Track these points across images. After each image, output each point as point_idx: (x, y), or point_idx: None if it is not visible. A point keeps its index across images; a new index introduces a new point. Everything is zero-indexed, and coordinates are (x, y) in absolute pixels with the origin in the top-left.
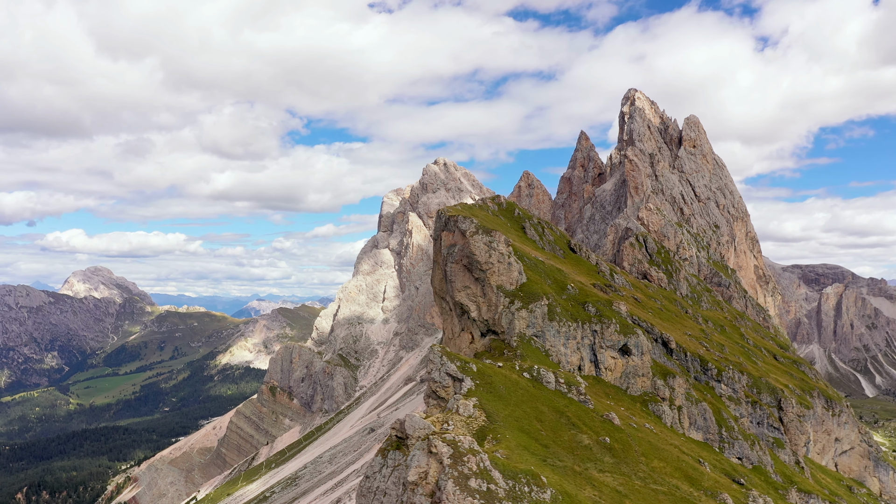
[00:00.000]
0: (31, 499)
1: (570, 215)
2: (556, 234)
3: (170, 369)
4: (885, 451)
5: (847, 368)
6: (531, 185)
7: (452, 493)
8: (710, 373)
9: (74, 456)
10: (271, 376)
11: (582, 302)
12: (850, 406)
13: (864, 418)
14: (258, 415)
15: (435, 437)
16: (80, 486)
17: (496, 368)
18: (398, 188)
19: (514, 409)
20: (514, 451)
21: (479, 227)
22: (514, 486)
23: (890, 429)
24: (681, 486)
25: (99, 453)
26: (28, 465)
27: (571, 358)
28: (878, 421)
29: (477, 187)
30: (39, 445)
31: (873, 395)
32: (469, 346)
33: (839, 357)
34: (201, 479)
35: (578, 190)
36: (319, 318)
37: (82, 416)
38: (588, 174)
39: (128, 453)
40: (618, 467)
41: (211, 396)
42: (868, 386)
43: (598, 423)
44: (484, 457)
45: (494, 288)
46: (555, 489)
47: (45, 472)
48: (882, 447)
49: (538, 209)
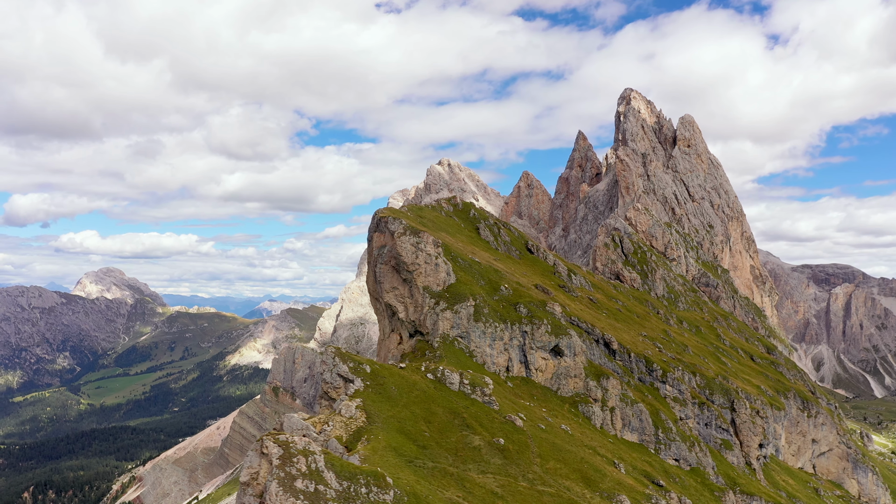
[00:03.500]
0: (38, 498)
1: (568, 215)
2: (513, 234)
3: (180, 370)
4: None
5: (856, 369)
6: (531, 185)
7: (275, 494)
8: (656, 374)
9: (83, 455)
10: (274, 377)
11: (514, 303)
12: (838, 407)
13: (867, 420)
14: (261, 415)
15: (268, 438)
16: (86, 486)
17: (395, 370)
18: (404, 189)
19: (401, 411)
20: (377, 453)
21: (408, 228)
22: (348, 487)
23: (894, 430)
24: (573, 487)
25: (107, 453)
26: (37, 464)
27: (498, 359)
28: (881, 422)
29: (481, 188)
30: (49, 445)
31: (882, 395)
32: (398, 347)
33: (848, 358)
34: (204, 478)
35: (576, 190)
36: (322, 319)
37: (93, 417)
38: (586, 174)
39: (135, 453)
40: (505, 469)
41: (220, 397)
42: (877, 387)
43: (498, 425)
44: (318, 458)
45: (421, 289)
46: (402, 490)
47: (53, 472)
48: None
49: (538, 209)
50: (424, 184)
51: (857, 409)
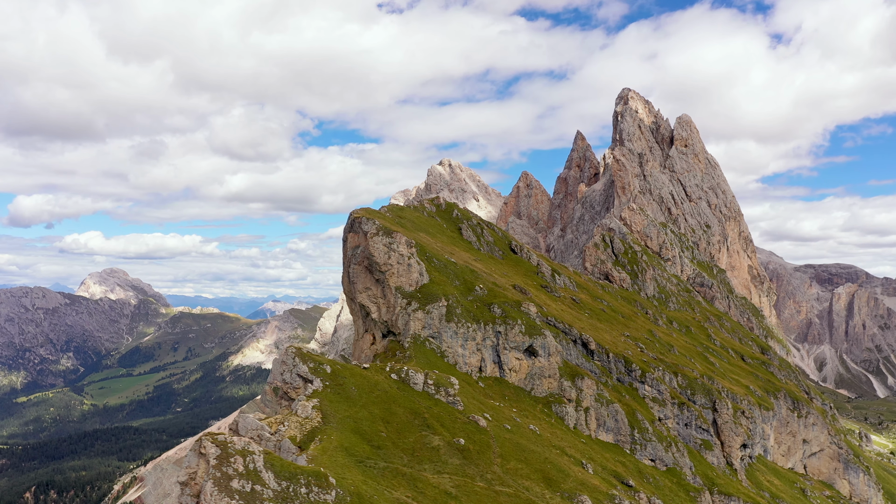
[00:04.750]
0: (40, 498)
1: (566, 215)
2: (496, 235)
3: (183, 370)
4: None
5: (858, 369)
6: (530, 185)
7: (210, 494)
8: (635, 374)
9: (85, 456)
10: (274, 377)
11: (488, 303)
12: (833, 407)
13: (868, 420)
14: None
15: (206, 438)
16: (88, 486)
17: (357, 370)
18: (406, 189)
19: (359, 411)
20: (327, 453)
21: (381, 229)
22: (287, 487)
23: (895, 431)
24: (533, 487)
25: (109, 453)
26: (39, 464)
27: (470, 359)
28: (882, 422)
29: (482, 188)
30: (51, 445)
31: (885, 395)
32: (370, 347)
33: (850, 358)
34: None
35: (574, 190)
36: (322, 320)
37: (96, 417)
38: (584, 174)
39: (137, 453)
40: (463, 469)
41: (223, 397)
42: (880, 387)
43: (460, 425)
44: (257, 458)
45: (393, 289)
46: (345, 491)
47: (55, 472)
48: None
49: (537, 209)
50: (425, 184)
51: (858, 409)
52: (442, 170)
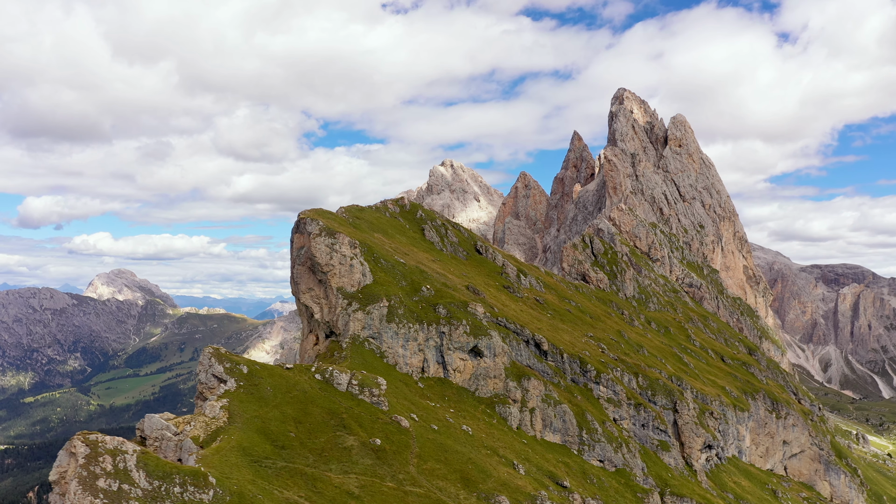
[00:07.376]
0: (42, 497)
1: (563, 215)
2: (462, 235)
3: (189, 370)
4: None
5: (864, 370)
6: (528, 185)
7: (74, 493)
8: (590, 374)
9: None
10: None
11: (434, 304)
12: (825, 407)
13: (870, 421)
14: None
15: (77, 437)
16: None
17: (277, 370)
18: (408, 190)
19: (270, 411)
20: (220, 453)
21: (324, 229)
22: (159, 487)
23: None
24: (448, 488)
25: None
26: (44, 464)
27: (412, 360)
28: (883, 424)
29: (484, 189)
30: (57, 445)
31: (890, 396)
32: (314, 347)
33: (856, 358)
34: None
35: (570, 190)
36: None
37: (102, 417)
38: (580, 174)
39: None
40: (374, 469)
41: None
42: (885, 388)
43: (380, 426)
44: (129, 457)
45: (335, 289)
46: (224, 490)
47: None
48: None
49: (535, 210)
50: (427, 185)
51: (860, 410)
52: (444, 170)
